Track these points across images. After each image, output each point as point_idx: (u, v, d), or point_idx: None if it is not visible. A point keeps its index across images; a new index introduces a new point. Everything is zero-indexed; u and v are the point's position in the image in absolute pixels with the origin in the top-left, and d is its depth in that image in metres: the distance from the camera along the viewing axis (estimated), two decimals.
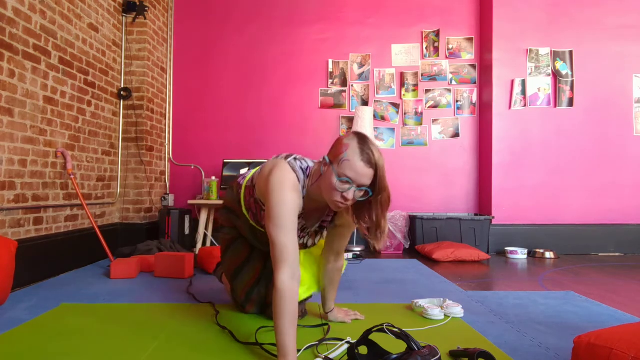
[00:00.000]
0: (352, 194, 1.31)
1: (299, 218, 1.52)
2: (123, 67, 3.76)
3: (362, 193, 1.33)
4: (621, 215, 4.10)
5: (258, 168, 1.71)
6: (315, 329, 1.75)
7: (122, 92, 3.70)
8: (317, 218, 1.61)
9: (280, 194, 1.34)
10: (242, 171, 1.91)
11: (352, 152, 1.28)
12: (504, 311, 2.07)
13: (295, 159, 1.49)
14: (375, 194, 1.33)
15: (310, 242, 1.69)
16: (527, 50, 4.16)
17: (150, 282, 2.65)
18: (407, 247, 4.08)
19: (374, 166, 1.30)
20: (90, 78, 3.24)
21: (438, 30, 4.42)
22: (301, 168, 1.45)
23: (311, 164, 1.50)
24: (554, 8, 4.16)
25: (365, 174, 1.29)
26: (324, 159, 1.38)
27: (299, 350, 1.50)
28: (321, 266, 1.79)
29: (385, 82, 4.43)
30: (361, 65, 4.43)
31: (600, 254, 4.04)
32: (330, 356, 1.45)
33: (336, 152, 1.34)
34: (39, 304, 2.13)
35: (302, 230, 1.61)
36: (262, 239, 1.74)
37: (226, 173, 4.07)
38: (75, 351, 1.51)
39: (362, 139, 1.32)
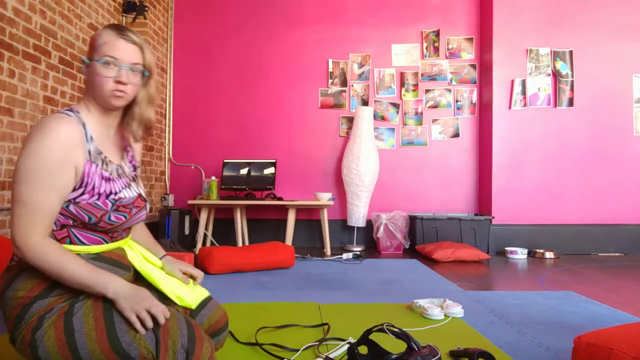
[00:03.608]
0: (125, 74, 1.12)
1: (105, 162, 1.18)
2: None
3: (137, 75, 1.16)
4: (621, 215, 4.10)
5: None
6: (316, 329, 1.75)
7: None
8: (118, 151, 1.26)
9: (38, 140, 1.04)
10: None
11: (108, 35, 1.13)
12: (504, 311, 2.07)
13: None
14: (150, 77, 1.20)
15: (142, 190, 1.29)
16: (527, 50, 4.16)
17: None
18: (407, 247, 4.08)
19: (139, 44, 1.17)
20: None
21: (438, 30, 4.42)
22: (66, 110, 1.15)
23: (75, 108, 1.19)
24: (554, 8, 4.16)
25: (130, 51, 1.14)
26: (83, 63, 1.16)
27: (297, 350, 1.50)
28: None
29: (385, 82, 4.43)
30: (361, 65, 4.43)
31: (600, 254, 4.03)
32: (331, 356, 1.45)
33: (91, 45, 1.16)
34: None
35: (119, 177, 1.21)
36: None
37: (226, 173, 4.07)
38: None
39: (116, 25, 1.17)
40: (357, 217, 4.11)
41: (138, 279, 1.27)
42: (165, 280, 1.25)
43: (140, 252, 1.30)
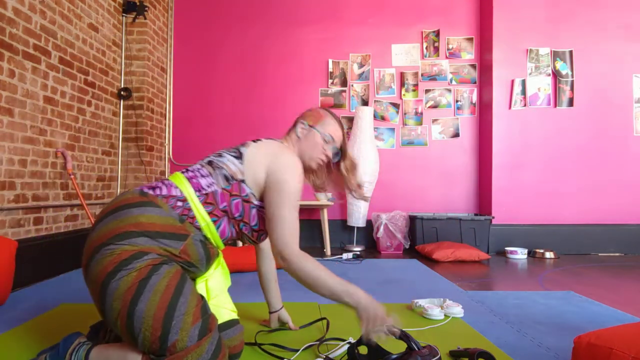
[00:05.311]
0: (330, 151, 1.57)
1: None
2: (123, 67, 3.76)
3: (336, 153, 1.61)
4: (621, 215, 4.09)
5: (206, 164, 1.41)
6: (315, 329, 1.75)
7: (122, 92, 3.70)
8: None
9: (299, 177, 1.39)
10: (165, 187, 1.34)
11: (332, 120, 1.60)
12: (504, 311, 2.07)
13: None
14: (343, 158, 1.64)
15: None
16: (527, 50, 4.16)
17: None
18: (407, 247, 4.08)
19: (343, 135, 1.63)
20: (90, 78, 3.24)
21: (438, 30, 4.42)
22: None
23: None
24: (554, 8, 4.16)
25: (340, 138, 1.61)
26: (301, 123, 1.59)
27: (297, 350, 1.50)
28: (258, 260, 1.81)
29: (385, 82, 4.43)
30: (361, 65, 4.43)
31: (600, 254, 4.03)
32: (331, 356, 1.45)
33: (316, 118, 1.59)
34: (39, 304, 2.13)
35: None
36: (210, 251, 1.37)
37: None
38: None
39: (333, 113, 1.64)
40: (357, 217, 4.11)
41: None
42: (213, 295, 1.39)
43: (222, 264, 1.51)
